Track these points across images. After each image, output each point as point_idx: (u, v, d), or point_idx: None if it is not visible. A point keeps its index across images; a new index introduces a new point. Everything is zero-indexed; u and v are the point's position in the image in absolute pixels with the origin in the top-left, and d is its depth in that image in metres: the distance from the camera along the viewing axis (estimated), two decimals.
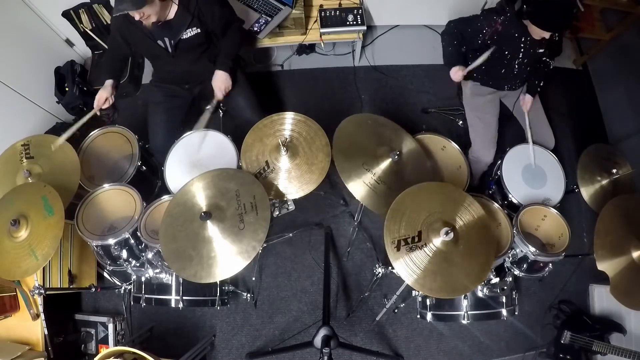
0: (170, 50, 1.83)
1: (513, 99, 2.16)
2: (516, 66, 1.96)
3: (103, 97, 1.89)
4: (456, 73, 1.93)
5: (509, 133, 2.30)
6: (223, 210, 1.51)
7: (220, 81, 1.93)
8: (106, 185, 1.83)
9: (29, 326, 1.81)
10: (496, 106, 2.17)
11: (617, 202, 1.68)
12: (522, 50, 1.88)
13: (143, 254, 1.76)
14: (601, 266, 1.59)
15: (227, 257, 1.44)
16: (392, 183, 1.64)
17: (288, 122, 1.78)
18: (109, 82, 1.92)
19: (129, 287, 2.05)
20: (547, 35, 1.73)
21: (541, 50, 1.88)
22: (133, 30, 1.76)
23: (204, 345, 2.06)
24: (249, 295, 2.20)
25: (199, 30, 1.79)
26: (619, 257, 1.61)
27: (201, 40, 1.85)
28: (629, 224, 1.66)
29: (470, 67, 1.88)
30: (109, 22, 2.53)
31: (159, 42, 1.80)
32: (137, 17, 1.61)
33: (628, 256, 1.62)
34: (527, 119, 1.99)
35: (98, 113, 1.96)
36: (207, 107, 1.92)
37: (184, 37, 1.79)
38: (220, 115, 2.23)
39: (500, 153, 2.00)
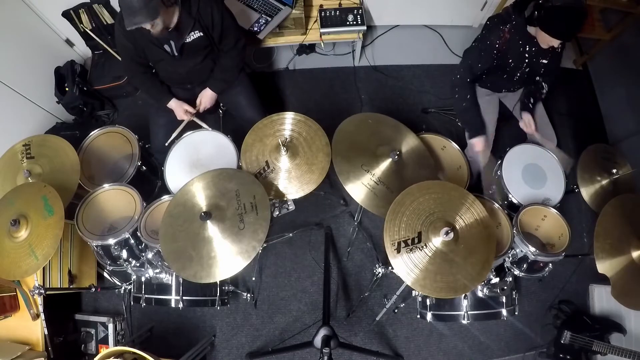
0: (175, 53, 1.83)
1: (513, 99, 2.16)
2: (518, 74, 1.95)
3: (181, 115, 1.99)
4: (479, 145, 1.90)
5: (509, 133, 2.30)
6: (223, 210, 1.51)
7: (208, 100, 2.01)
8: (106, 185, 1.83)
9: (29, 326, 1.81)
10: (495, 106, 2.16)
11: (616, 203, 1.67)
12: (526, 59, 1.87)
13: (143, 254, 1.77)
14: (602, 269, 1.59)
15: (227, 257, 1.44)
16: (391, 184, 1.64)
17: (288, 122, 1.78)
18: (172, 103, 1.99)
19: (129, 287, 2.05)
20: (556, 43, 1.71)
21: (545, 61, 1.87)
22: (138, 38, 1.75)
23: (204, 345, 2.06)
24: (249, 295, 2.20)
25: (201, 34, 1.79)
26: (618, 257, 1.61)
27: (205, 43, 1.85)
28: (629, 224, 1.65)
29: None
30: (109, 22, 2.53)
31: (165, 46, 1.80)
32: (148, 27, 1.60)
33: (628, 256, 1.62)
34: (537, 138, 1.97)
35: (193, 118, 2.01)
36: (185, 120, 1.99)
37: (188, 40, 1.79)
38: (220, 115, 2.23)
39: (500, 153, 2.00)
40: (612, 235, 1.62)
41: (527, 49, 1.82)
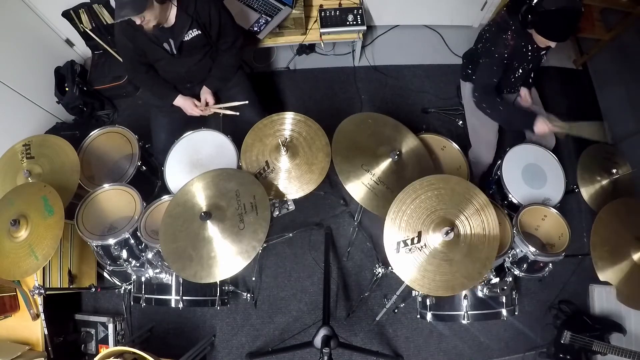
0: (174, 52, 1.83)
1: (513, 98, 2.15)
2: (520, 71, 1.95)
3: (191, 110, 1.99)
4: (544, 124, 1.86)
5: (509, 133, 2.30)
6: (223, 210, 1.51)
7: (208, 94, 2.01)
8: (106, 185, 1.83)
9: (29, 326, 1.81)
10: None
11: (609, 209, 1.67)
12: (529, 58, 1.87)
13: (143, 254, 1.76)
14: (603, 277, 1.59)
15: (227, 257, 1.44)
16: (391, 184, 1.64)
17: (288, 122, 1.78)
18: (178, 100, 1.98)
19: (129, 287, 2.05)
20: (553, 44, 1.71)
21: (543, 53, 1.88)
22: (138, 37, 1.76)
23: (204, 345, 2.06)
24: (249, 295, 2.20)
25: (199, 32, 1.80)
26: (619, 262, 1.61)
27: (204, 42, 1.86)
28: (625, 227, 1.65)
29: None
30: (109, 22, 2.53)
31: (165, 44, 1.81)
32: (138, 22, 1.61)
33: (629, 259, 1.62)
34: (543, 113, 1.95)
35: (205, 114, 2.03)
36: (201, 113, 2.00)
37: (186, 39, 1.79)
38: (220, 115, 2.23)
39: (501, 153, 2.00)
40: (610, 242, 1.62)
41: (530, 47, 1.82)
